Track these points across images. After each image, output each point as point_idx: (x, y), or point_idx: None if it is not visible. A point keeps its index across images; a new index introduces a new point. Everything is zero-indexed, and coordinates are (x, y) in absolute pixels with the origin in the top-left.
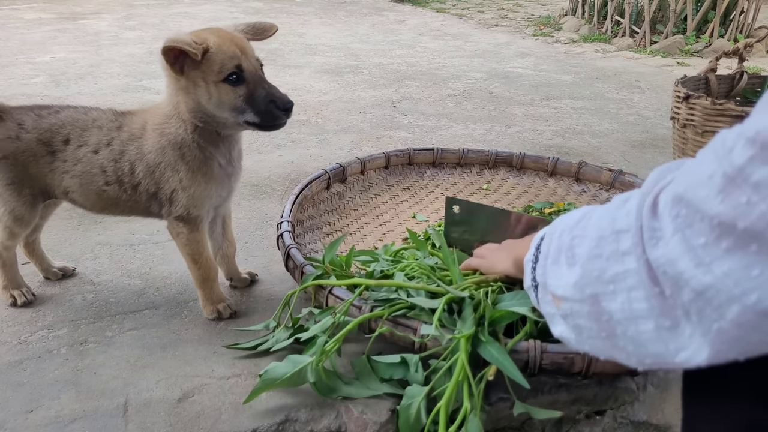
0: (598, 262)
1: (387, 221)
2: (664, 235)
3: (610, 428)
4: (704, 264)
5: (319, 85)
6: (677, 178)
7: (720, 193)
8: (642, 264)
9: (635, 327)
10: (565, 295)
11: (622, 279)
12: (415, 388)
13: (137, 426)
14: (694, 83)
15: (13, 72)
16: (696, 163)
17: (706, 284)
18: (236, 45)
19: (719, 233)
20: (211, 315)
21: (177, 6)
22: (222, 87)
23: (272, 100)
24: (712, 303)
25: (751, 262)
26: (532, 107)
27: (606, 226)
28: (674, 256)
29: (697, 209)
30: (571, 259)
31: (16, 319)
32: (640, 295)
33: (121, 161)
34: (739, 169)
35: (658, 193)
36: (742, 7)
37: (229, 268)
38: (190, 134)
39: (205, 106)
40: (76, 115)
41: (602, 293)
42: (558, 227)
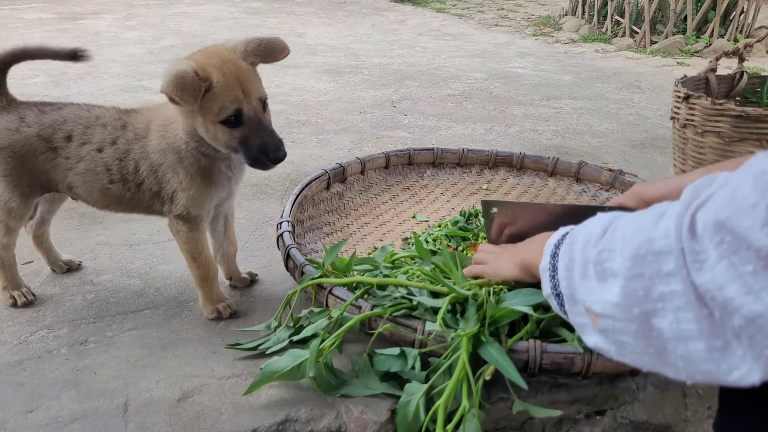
0: (640, 282)
1: (387, 221)
2: (708, 259)
3: (610, 428)
4: (754, 292)
5: (319, 85)
6: (714, 200)
7: (766, 225)
8: (688, 286)
9: (685, 346)
10: (605, 313)
11: (669, 299)
12: (415, 385)
13: (137, 426)
14: (694, 83)
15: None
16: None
17: (756, 312)
18: (240, 85)
19: (766, 263)
20: (210, 315)
21: (177, 6)
22: (219, 127)
23: (264, 151)
24: (763, 330)
25: None
26: (532, 107)
27: (642, 246)
28: (722, 282)
29: (743, 238)
30: (602, 274)
31: (16, 319)
32: (689, 317)
33: (125, 160)
34: None
35: (694, 213)
36: (742, 7)
37: (229, 268)
38: (186, 144)
39: (202, 135)
40: (79, 112)
41: (652, 311)
42: (579, 238)
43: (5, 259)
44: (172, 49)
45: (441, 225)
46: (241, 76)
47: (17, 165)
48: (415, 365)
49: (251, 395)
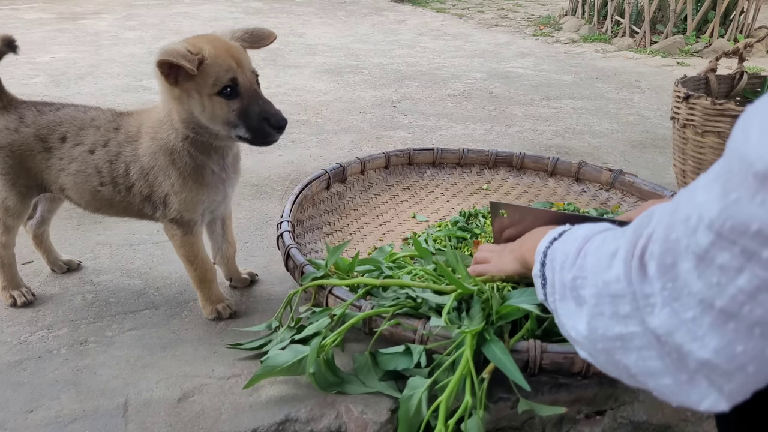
0: (601, 320)
1: (387, 221)
2: (656, 305)
3: (610, 428)
4: (698, 338)
5: (319, 85)
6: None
7: (695, 269)
8: (646, 328)
9: (654, 381)
10: (578, 341)
11: (629, 339)
12: (418, 380)
13: (137, 426)
14: (694, 83)
15: (13, 72)
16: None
17: (704, 359)
18: (232, 57)
19: (702, 309)
20: (210, 315)
21: (177, 6)
22: (216, 100)
23: (266, 117)
24: (716, 372)
25: (732, 340)
26: (532, 107)
27: (600, 286)
28: (670, 328)
29: (684, 283)
30: (577, 299)
31: (16, 319)
32: (652, 354)
33: (116, 162)
34: (705, 251)
35: (641, 254)
36: (742, 7)
37: (229, 269)
38: (181, 142)
39: (198, 117)
40: (75, 114)
41: (612, 349)
42: (558, 257)
43: (5, 259)
44: None
45: (441, 225)
46: (231, 49)
47: (15, 164)
48: (420, 361)
49: (251, 395)
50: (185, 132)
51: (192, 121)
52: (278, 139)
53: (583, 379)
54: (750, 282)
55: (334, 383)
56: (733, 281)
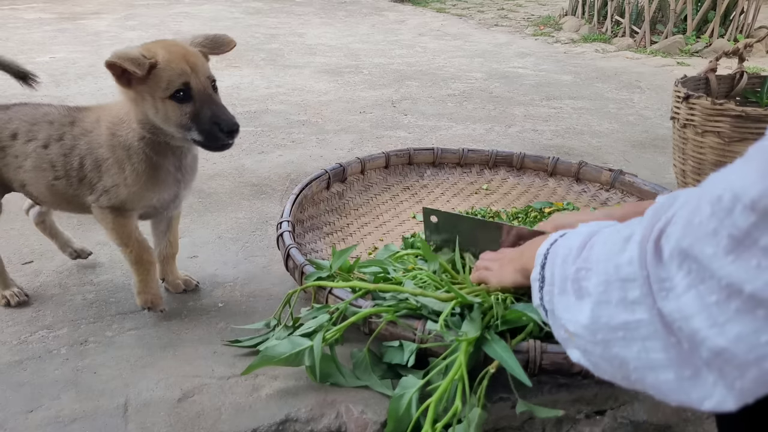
0: (606, 309)
1: (387, 221)
2: (675, 288)
3: (610, 428)
4: (718, 324)
5: (319, 85)
6: (675, 224)
7: (730, 253)
8: (654, 315)
9: (654, 376)
10: (577, 333)
11: (634, 328)
12: (411, 379)
13: (137, 426)
14: (694, 83)
15: None
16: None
17: (721, 346)
18: (186, 61)
19: (728, 293)
20: (143, 304)
21: (177, 6)
22: (168, 103)
23: (217, 122)
24: (731, 363)
25: (760, 327)
26: (532, 107)
27: (611, 271)
28: (689, 312)
29: (707, 267)
30: (578, 292)
31: (16, 319)
32: (657, 346)
33: (71, 156)
34: (746, 232)
35: (658, 237)
36: (742, 7)
37: (164, 269)
38: (137, 141)
39: (153, 119)
40: (25, 110)
41: (612, 339)
42: (560, 251)
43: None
44: None
45: None
46: (186, 55)
47: None
48: (410, 359)
49: (251, 395)
50: (141, 132)
51: (147, 122)
52: (231, 144)
53: (583, 379)
54: None
55: (329, 374)
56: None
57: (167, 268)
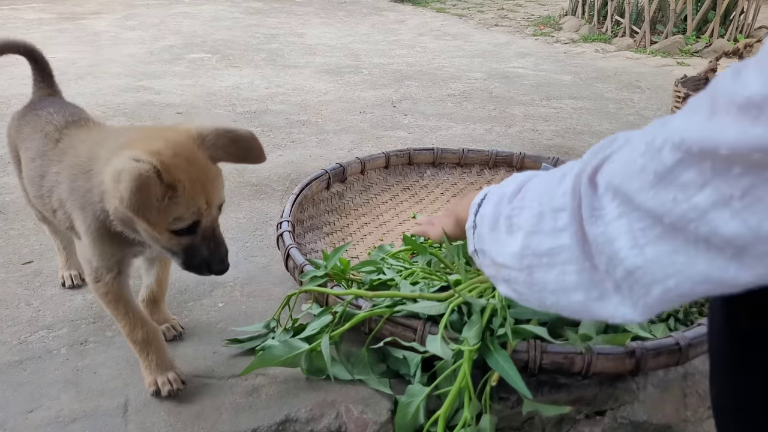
0: (537, 237)
1: (387, 221)
2: (606, 216)
3: (610, 428)
4: (638, 246)
5: (319, 85)
6: (611, 161)
7: (652, 188)
8: (575, 240)
9: (567, 297)
10: (504, 263)
11: (556, 254)
12: (417, 387)
13: (137, 426)
14: (694, 83)
15: (13, 72)
16: (629, 152)
17: (637, 265)
18: (205, 193)
19: (653, 222)
20: (148, 387)
21: (177, 6)
22: (167, 233)
23: (208, 263)
24: (640, 282)
25: (676, 249)
26: (532, 107)
27: (545, 203)
28: (613, 236)
29: (634, 198)
30: (509, 228)
31: (16, 319)
32: (572, 269)
33: (43, 180)
34: (669, 169)
35: (593, 171)
36: (742, 7)
37: (149, 310)
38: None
39: (138, 229)
40: (40, 113)
41: (537, 265)
42: (494, 196)
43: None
44: (172, 49)
45: None
46: (207, 183)
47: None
48: (417, 372)
49: (251, 395)
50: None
51: (127, 224)
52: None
53: (583, 379)
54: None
55: (322, 369)
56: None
57: (152, 309)
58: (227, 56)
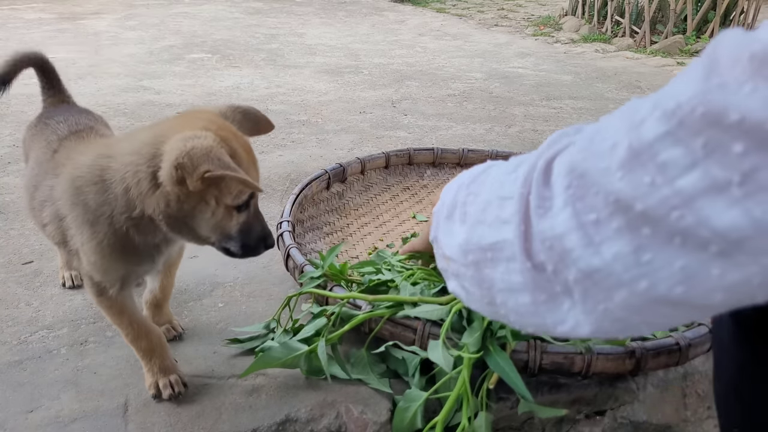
0: (480, 228)
1: (387, 221)
2: (554, 206)
3: (610, 428)
4: (594, 244)
5: (319, 85)
6: (576, 144)
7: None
8: (518, 235)
9: (515, 299)
10: (452, 256)
11: (500, 248)
12: (415, 392)
13: (137, 426)
14: None
15: None
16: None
17: (594, 267)
18: (255, 166)
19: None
20: (149, 389)
21: (177, 6)
22: (229, 211)
23: (264, 237)
24: (599, 285)
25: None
26: (532, 107)
27: (494, 190)
28: (562, 231)
29: (594, 182)
30: (463, 216)
31: (16, 319)
32: (515, 267)
33: (36, 191)
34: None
35: (551, 158)
36: (742, 7)
37: (151, 313)
38: (120, 216)
39: (198, 222)
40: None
41: (482, 260)
42: (458, 180)
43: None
44: (172, 49)
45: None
46: (251, 152)
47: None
48: (416, 374)
49: (251, 395)
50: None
51: (177, 219)
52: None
53: (583, 379)
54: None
55: (322, 370)
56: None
57: (154, 311)
58: (227, 56)
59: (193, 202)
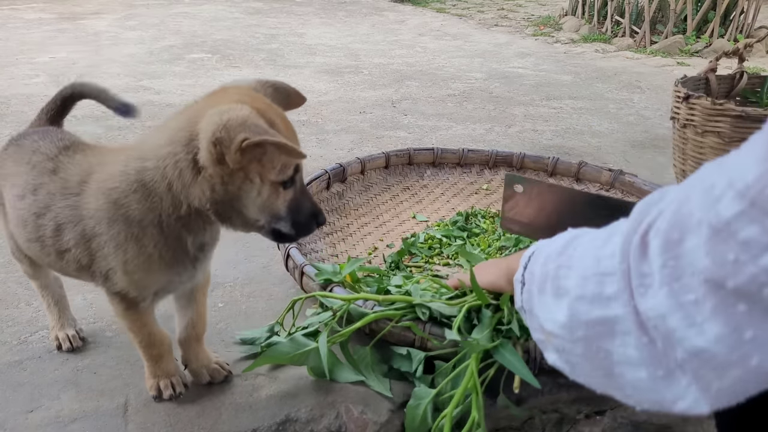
0: (583, 304)
1: (387, 221)
2: (653, 284)
3: (610, 428)
4: (696, 324)
5: (319, 85)
6: (664, 217)
7: (706, 244)
8: (630, 311)
9: (632, 372)
10: (554, 332)
11: (612, 323)
12: (423, 390)
13: (137, 426)
14: (694, 83)
15: (13, 72)
16: (682, 203)
17: (700, 347)
18: (295, 137)
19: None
20: (150, 390)
21: (177, 6)
22: (275, 188)
23: (315, 213)
24: (709, 364)
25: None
26: (532, 107)
27: (590, 265)
28: (664, 311)
29: (689, 261)
30: (557, 290)
31: (16, 319)
32: (631, 341)
33: (43, 218)
34: (726, 223)
35: (645, 231)
36: (742, 7)
37: (187, 353)
38: (174, 221)
39: (245, 203)
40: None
41: (593, 335)
42: (543, 251)
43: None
44: (172, 49)
45: (440, 225)
46: (290, 124)
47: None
48: (418, 369)
49: (251, 395)
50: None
51: (224, 204)
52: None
53: None
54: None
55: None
56: (757, 259)
57: (190, 352)
58: (227, 56)
59: (237, 182)
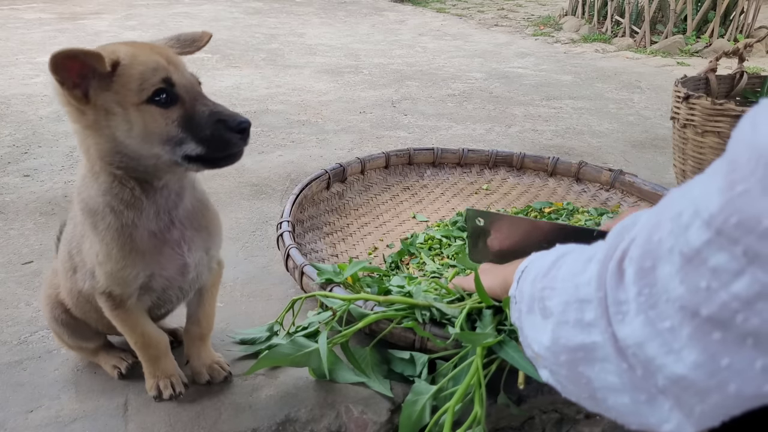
0: (564, 329)
1: (387, 221)
2: (629, 312)
3: (610, 428)
4: (674, 351)
5: (319, 85)
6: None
7: (679, 272)
8: (608, 338)
9: (614, 398)
10: (541, 354)
11: (591, 349)
12: (423, 385)
13: (137, 426)
14: (694, 83)
15: (13, 72)
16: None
17: (679, 374)
18: (159, 54)
19: (682, 317)
20: (150, 390)
21: (177, 6)
22: (147, 110)
23: (220, 119)
24: (689, 390)
25: (717, 351)
26: (532, 107)
27: (570, 291)
28: (642, 338)
29: (663, 288)
30: (543, 311)
31: (16, 319)
32: (611, 368)
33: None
34: (696, 251)
35: (620, 258)
36: (742, 7)
37: (189, 350)
38: (102, 196)
39: (124, 141)
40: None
41: (574, 360)
42: (534, 266)
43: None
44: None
45: (440, 225)
46: (157, 48)
47: None
48: (423, 372)
49: (251, 395)
50: (107, 176)
51: (118, 151)
52: (243, 149)
53: None
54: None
55: (332, 371)
56: (727, 286)
57: (193, 348)
58: (227, 56)
59: (102, 120)
